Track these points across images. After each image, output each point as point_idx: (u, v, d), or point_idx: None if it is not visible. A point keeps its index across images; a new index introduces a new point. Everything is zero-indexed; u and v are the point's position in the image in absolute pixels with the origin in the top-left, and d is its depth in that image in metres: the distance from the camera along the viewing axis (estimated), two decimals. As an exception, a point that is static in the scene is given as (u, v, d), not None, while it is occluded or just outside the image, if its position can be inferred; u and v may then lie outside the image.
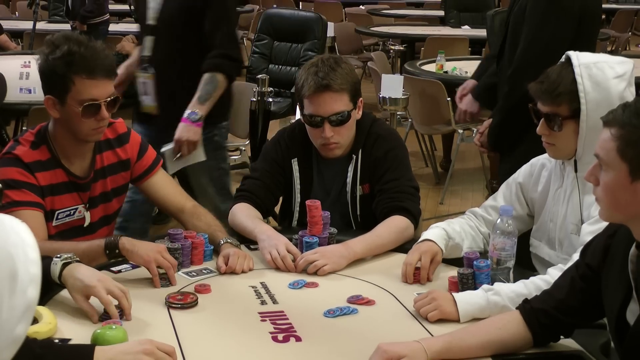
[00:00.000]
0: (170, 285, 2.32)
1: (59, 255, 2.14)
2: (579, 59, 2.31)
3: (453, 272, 2.37)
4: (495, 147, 3.26)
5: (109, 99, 2.48)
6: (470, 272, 2.27)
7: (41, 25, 8.14)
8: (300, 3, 13.77)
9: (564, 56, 2.37)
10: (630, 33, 11.78)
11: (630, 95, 2.28)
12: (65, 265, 2.12)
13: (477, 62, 4.05)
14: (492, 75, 3.51)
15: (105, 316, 2.08)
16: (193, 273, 2.43)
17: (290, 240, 2.56)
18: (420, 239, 2.47)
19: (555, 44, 2.98)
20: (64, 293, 2.17)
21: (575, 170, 2.37)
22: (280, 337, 2.03)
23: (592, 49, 2.91)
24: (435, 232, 2.46)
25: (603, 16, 4.00)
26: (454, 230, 2.51)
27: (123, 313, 2.09)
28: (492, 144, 3.24)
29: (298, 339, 2.03)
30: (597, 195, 1.77)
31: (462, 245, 2.49)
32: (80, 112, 2.44)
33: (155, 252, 2.32)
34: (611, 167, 1.71)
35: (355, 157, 2.80)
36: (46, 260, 2.10)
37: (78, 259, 2.17)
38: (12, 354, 0.96)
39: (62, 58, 2.41)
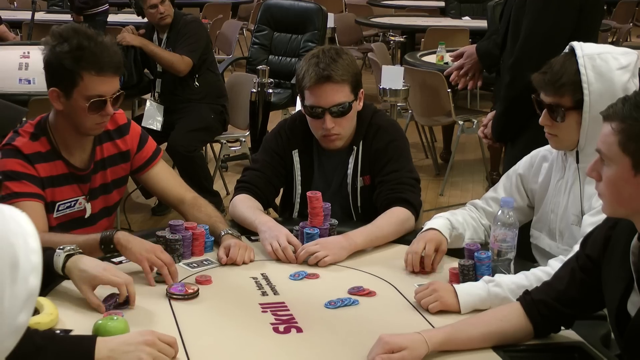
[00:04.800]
0: (165, 282, 2.27)
1: (62, 247, 2.14)
2: (583, 49, 2.30)
3: (454, 263, 2.37)
4: (499, 137, 3.25)
5: (115, 94, 2.48)
6: (471, 263, 2.27)
7: (40, 16, 8.13)
8: (300, -6, 13.73)
9: (567, 47, 2.37)
10: (631, 24, 11.75)
11: (633, 87, 2.27)
12: (68, 256, 2.12)
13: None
14: (494, 46, 3.49)
15: (107, 306, 2.08)
16: (194, 264, 2.43)
17: (291, 231, 2.56)
18: (424, 228, 2.47)
19: (556, 33, 2.96)
20: (66, 284, 2.18)
21: (577, 162, 2.37)
22: (281, 328, 2.04)
23: (594, 40, 2.89)
24: (439, 222, 2.46)
25: (605, 7, 3.96)
26: (457, 220, 2.50)
27: (128, 300, 2.09)
28: (496, 135, 3.23)
29: (299, 330, 2.03)
30: (600, 191, 1.77)
31: (464, 236, 2.49)
32: (87, 108, 2.43)
33: (149, 252, 2.28)
34: (613, 162, 1.71)
35: (356, 148, 2.80)
36: (48, 251, 2.10)
37: (81, 250, 2.17)
38: (14, 342, 0.97)
39: (71, 52, 2.39)
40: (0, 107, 2.05)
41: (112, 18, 8.15)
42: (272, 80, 4.66)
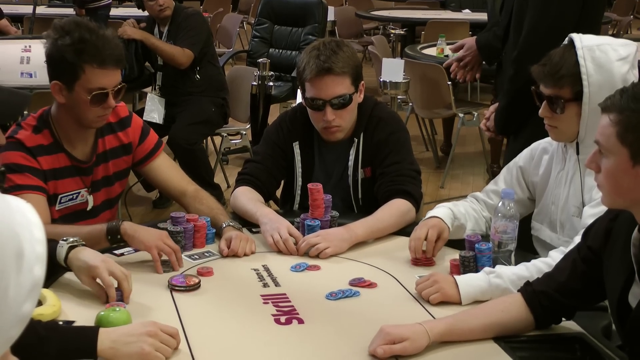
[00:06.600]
0: (173, 270, 2.32)
1: (65, 239, 2.14)
2: (582, 41, 2.30)
3: (455, 254, 2.37)
4: (502, 130, 3.24)
5: (116, 87, 2.49)
6: (472, 254, 2.28)
7: (41, 10, 8.14)
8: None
9: (567, 38, 2.37)
10: (632, 16, 11.74)
11: (633, 78, 2.27)
12: (71, 248, 2.13)
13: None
14: (494, 38, 3.49)
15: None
16: (195, 256, 2.44)
17: (292, 223, 2.56)
18: (426, 216, 2.47)
19: (560, 26, 2.95)
20: (68, 276, 2.19)
21: (577, 153, 2.37)
22: (282, 319, 2.04)
23: (597, 32, 2.88)
24: (442, 211, 2.46)
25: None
26: (459, 211, 2.51)
27: (122, 296, 2.10)
28: (499, 128, 3.22)
29: (300, 321, 2.04)
30: (599, 182, 1.78)
31: (466, 227, 2.50)
32: (89, 100, 2.44)
33: (157, 239, 2.32)
34: (612, 153, 1.71)
35: (356, 140, 2.80)
36: (52, 243, 2.11)
37: (84, 242, 2.17)
38: (19, 332, 0.97)
39: (73, 45, 2.40)
40: (6, 93, 2.06)
41: (113, 12, 8.17)
42: (272, 73, 4.66)
